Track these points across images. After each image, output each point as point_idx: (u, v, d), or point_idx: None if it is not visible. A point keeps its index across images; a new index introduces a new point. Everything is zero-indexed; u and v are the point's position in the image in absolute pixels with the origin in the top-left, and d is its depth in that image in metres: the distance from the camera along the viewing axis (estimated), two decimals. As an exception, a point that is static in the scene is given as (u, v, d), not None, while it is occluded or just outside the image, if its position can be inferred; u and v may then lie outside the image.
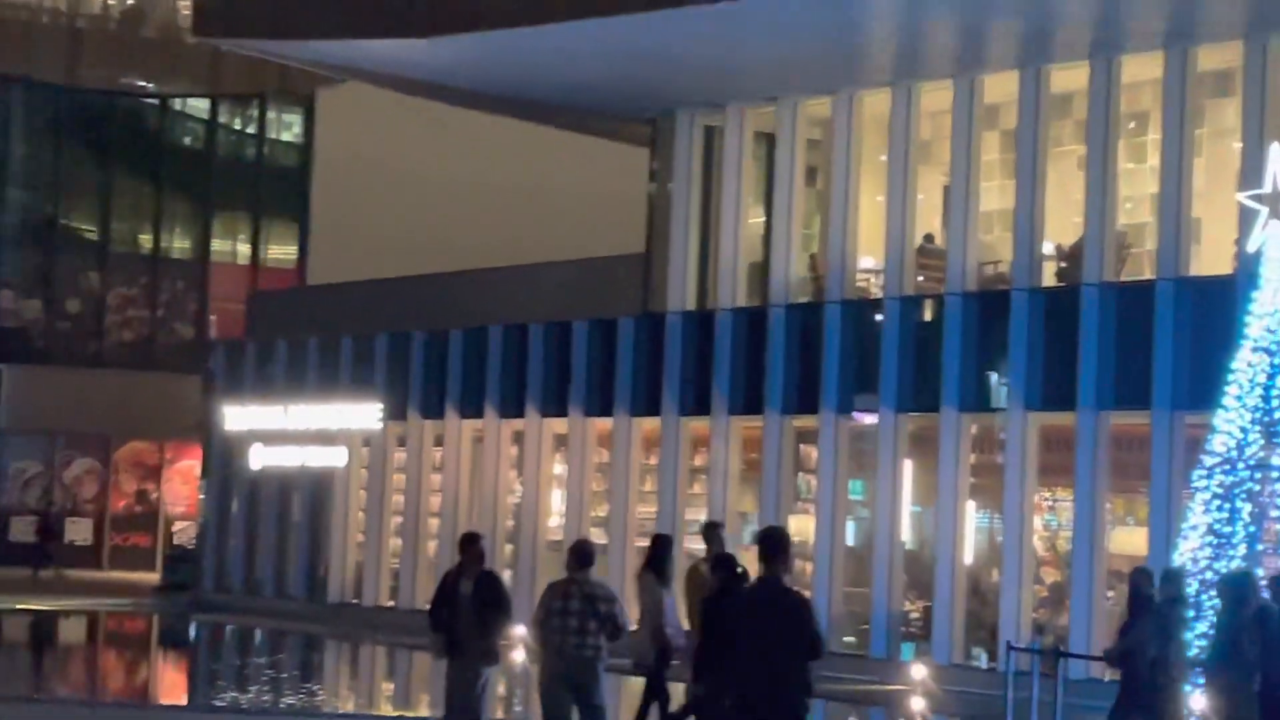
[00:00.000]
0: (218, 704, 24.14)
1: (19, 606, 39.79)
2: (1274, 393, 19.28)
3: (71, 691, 26.80)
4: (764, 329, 32.24)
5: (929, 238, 31.75)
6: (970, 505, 29.78)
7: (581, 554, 17.11)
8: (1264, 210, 19.96)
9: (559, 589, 16.83)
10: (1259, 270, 19.82)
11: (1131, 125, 29.35)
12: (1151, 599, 17.48)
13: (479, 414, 36.68)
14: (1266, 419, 19.24)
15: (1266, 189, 20.02)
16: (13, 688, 26.30)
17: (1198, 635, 19.13)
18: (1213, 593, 19.06)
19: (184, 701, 25.80)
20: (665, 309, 34.08)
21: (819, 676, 12.89)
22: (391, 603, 37.97)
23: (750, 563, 17.77)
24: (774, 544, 12.98)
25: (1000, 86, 30.07)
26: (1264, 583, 16.84)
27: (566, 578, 16.92)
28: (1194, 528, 19.53)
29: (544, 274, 37.64)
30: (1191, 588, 19.18)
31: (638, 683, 20.04)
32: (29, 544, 53.83)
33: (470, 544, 17.93)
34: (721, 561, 17.75)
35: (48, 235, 57.60)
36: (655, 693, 19.18)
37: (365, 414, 38.74)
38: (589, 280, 36.52)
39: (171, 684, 30.41)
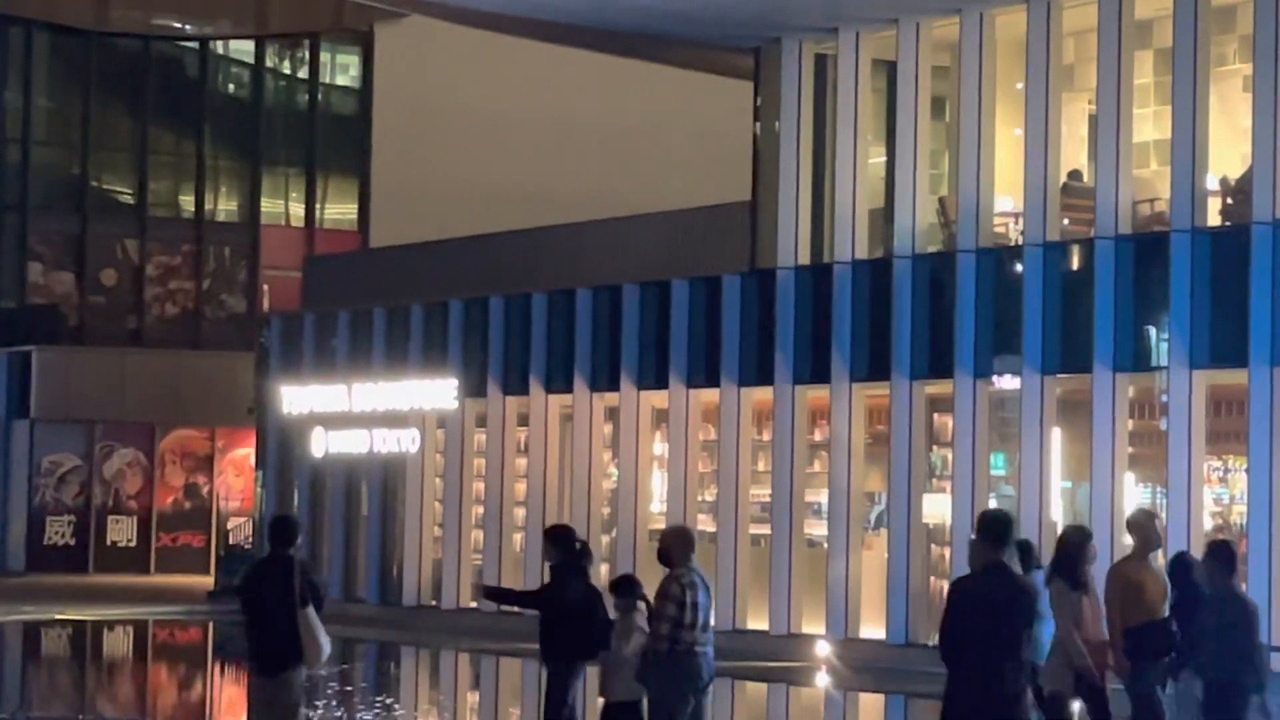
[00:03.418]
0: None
1: (58, 617, 40.15)
2: None
3: (119, 712, 27.00)
4: (888, 284, 32.25)
5: (1075, 175, 31.67)
6: (1129, 478, 29.77)
7: (691, 539, 16.90)
8: None
9: (683, 582, 16.61)
10: None
11: (1306, 40, 29.15)
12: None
13: (568, 388, 36.83)
14: None
15: None
16: (55, 708, 26.55)
17: None
18: None
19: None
20: (775, 264, 34.09)
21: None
22: (474, 604, 38.13)
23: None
24: (1000, 528, 13.46)
25: (1152, -1, 29.94)
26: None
27: (682, 569, 16.61)
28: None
29: (638, 228, 37.76)
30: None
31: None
32: (65, 547, 54.42)
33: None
34: (553, 537, 17.56)
35: (78, 200, 58.10)
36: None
37: (439, 391, 38.94)
38: (688, 234, 36.62)
39: (230, 702, 30.60)
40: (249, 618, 16.31)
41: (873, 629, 31.54)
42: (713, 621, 16.94)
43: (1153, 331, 29.30)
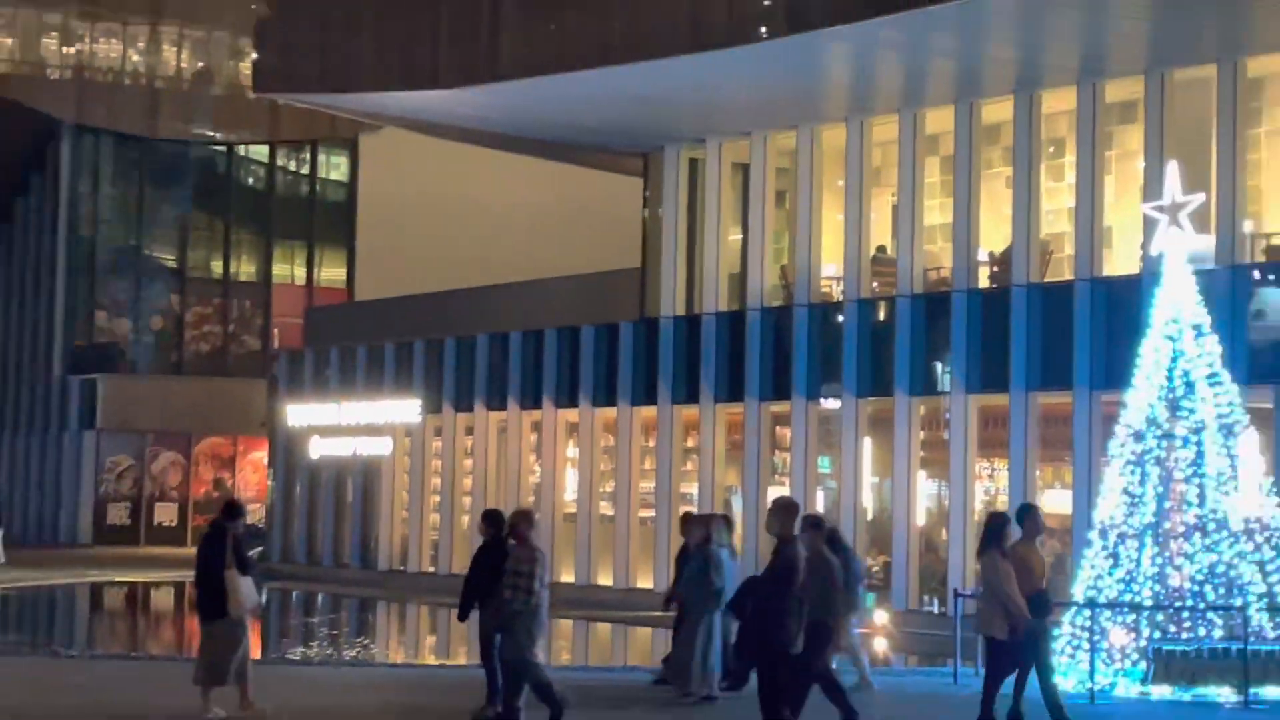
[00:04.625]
0: (290, 658, 24.12)
1: (116, 579, 39.82)
2: (1175, 374, 19.25)
3: (161, 650, 26.80)
4: (743, 329, 32.28)
5: (881, 249, 31.75)
6: (921, 475, 29.85)
7: (534, 518, 15.96)
8: (1164, 219, 19.91)
9: (542, 551, 16.05)
10: (1161, 270, 19.82)
11: (1051, 149, 29.38)
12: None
13: (503, 407, 36.72)
14: (1170, 396, 19.19)
15: (1166, 200, 19.97)
16: (114, 648, 26.35)
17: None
18: (1129, 541, 19.09)
19: (258, 656, 25.77)
20: (659, 314, 34.11)
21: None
22: (432, 569, 38.00)
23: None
24: (795, 509, 13.56)
25: (939, 119, 30.09)
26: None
27: (535, 543, 15.93)
28: (1111, 490, 19.53)
29: (556, 287, 37.72)
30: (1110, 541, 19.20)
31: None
32: (123, 526, 54.10)
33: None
34: (484, 517, 16.58)
35: (134, 264, 57.72)
36: (1019, 662, 16.11)
37: (406, 409, 38.80)
38: (593, 291, 36.59)
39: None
40: (195, 576, 15.90)
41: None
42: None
43: (938, 366, 29.41)
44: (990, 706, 15.73)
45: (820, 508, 31.09)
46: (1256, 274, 25.67)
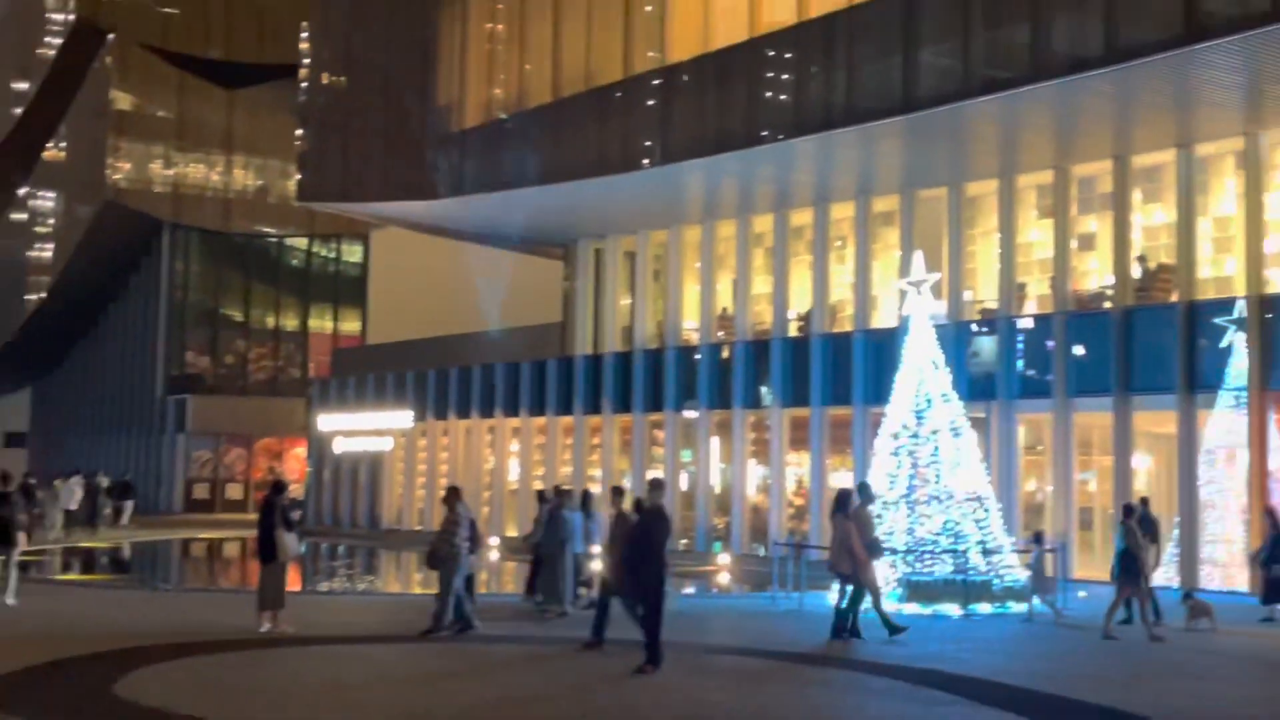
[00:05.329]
0: (320, 589, 23.73)
1: (200, 536, 39.09)
2: (920, 394, 19.44)
3: (231, 584, 26.32)
4: (630, 364, 32.22)
5: (725, 310, 31.85)
6: (751, 463, 29.88)
7: (461, 492, 15.79)
8: (912, 290, 20.13)
9: (468, 514, 15.81)
10: (910, 324, 20.01)
11: (838, 243, 29.63)
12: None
13: (468, 416, 36.42)
14: (917, 409, 19.39)
15: (913, 278, 20.21)
16: (198, 583, 25.87)
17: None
18: (890, 507, 19.16)
19: (300, 588, 25.40)
20: (574, 354, 34.01)
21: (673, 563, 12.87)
22: (419, 528, 37.60)
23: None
24: (662, 485, 13.18)
25: (763, 223, 30.30)
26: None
27: (462, 507, 15.58)
28: (877, 472, 19.64)
29: (506, 335, 37.59)
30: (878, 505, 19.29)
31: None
32: (204, 499, 53.27)
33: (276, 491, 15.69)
34: (447, 492, 15.93)
35: (213, 319, 56.98)
36: (855, 591, 15.52)
37: (402, 418, 38.44)
38: (529, 338, 36.52)
39: (290, 580, 29.86)
40: (256, 533, 15.72)
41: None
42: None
43: (762, 389, 29.53)
44: (850, 620, 15.29)
45: (684, 485, 31.13)
46: (973, 328, 26.02)
